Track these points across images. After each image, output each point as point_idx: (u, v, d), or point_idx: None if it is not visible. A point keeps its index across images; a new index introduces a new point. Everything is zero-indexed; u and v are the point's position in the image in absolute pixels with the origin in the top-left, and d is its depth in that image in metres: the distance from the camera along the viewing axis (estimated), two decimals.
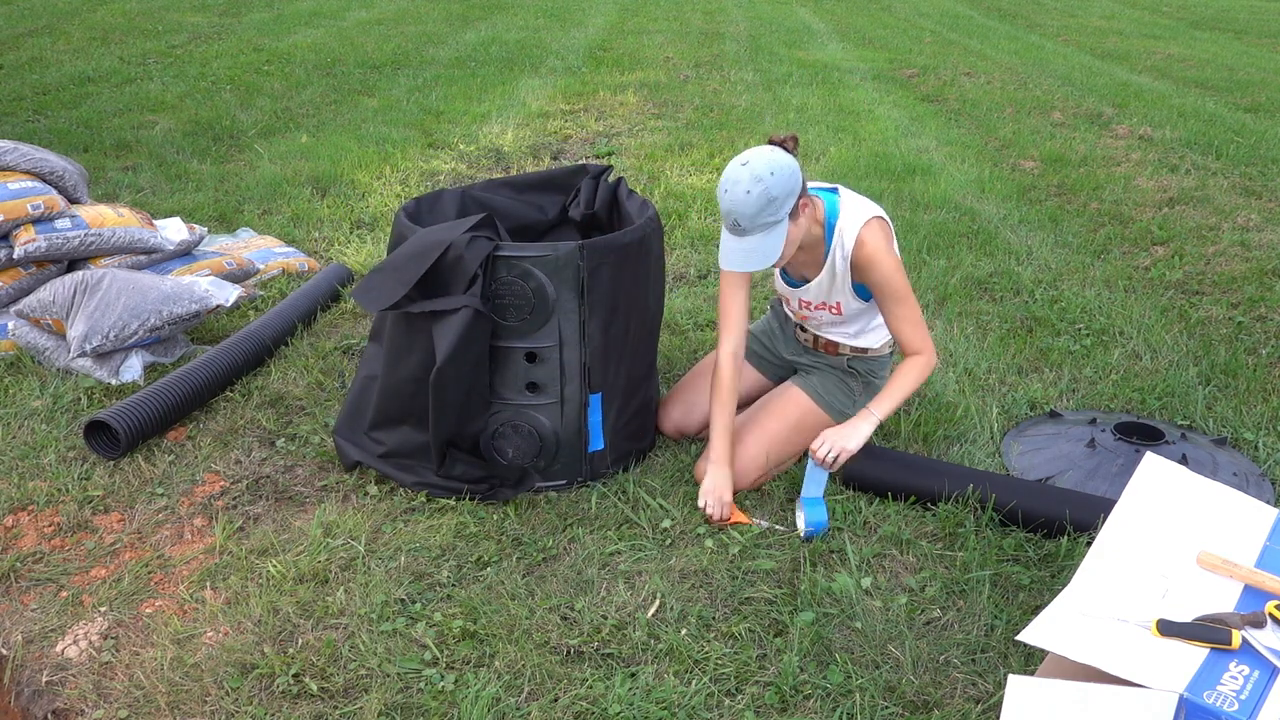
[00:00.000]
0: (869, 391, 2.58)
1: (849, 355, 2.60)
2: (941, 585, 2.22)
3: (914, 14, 13.06)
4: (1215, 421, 2.95)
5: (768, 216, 2.19)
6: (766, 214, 2.18)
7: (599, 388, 2.47)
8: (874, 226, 2.34)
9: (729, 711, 1.88)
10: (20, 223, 3.11)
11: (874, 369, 2.61)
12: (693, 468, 2.61)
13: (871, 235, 2.33)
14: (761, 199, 2.16)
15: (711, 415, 2.46)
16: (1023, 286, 3.89)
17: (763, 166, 2.16)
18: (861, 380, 2.60)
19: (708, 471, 2.43)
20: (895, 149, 5.90)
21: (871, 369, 2.61)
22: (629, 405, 2.56)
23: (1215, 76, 8.72)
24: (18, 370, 3.07)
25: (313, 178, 5.06)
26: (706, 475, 2.42)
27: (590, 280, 2.35)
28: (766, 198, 2.16)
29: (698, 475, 2.54)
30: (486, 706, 1.86)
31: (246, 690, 1.89)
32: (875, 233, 2.34)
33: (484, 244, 2.28)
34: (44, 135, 5.72)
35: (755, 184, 2.15)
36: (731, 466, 2.44)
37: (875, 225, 2.35)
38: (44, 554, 2.28)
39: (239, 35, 9.50)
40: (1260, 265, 4.15)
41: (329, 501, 2.48)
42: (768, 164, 2.17)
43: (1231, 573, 1.60)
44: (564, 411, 2.45)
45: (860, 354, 2.60)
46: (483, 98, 7.08)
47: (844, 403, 2.58)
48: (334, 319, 3.48)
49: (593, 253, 2.34)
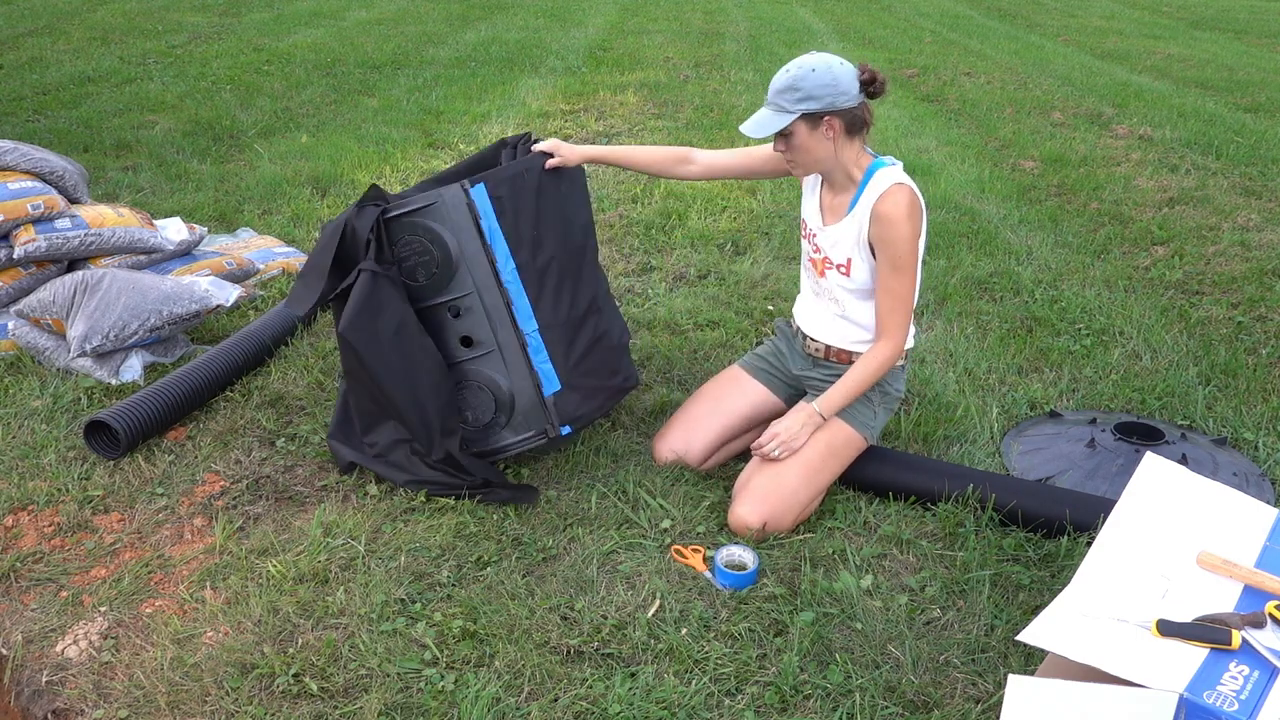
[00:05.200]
0: (885, 402, 2.50)
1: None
2: (941, 585, 2.22)
3: (914, 14, 13.06)
4: (1215, 421, 2.95)
5: (784, 99, 2.24)
6: (784, 97, 2.23)
7: (534, 326, 2.44)
8: (906, 192, 2.28)
9: (729, 711, 1.88)
10: (20, 223, 3.11)
11: (888, 379, 2.50)
12: (692, 468, 2.60)
13: (901, 195, 2.28)
14: (788, 81, 2.22)
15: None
16: (1023, 286, 3.89)
17: (815, 61, 2.23)
18: (878, 389, 2.49)
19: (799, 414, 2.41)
20: (895, 149, 5.90)
21: (886, 379, 2.50)
22: (579, 339, 2.51)
23: (1215, 76, 8.72)
24: (18, 370, 3.07)
25: (313, 178, 5.06)
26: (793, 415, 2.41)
27: (487, 220, 2.35)
28: (792, 83, 2.22)
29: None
30: (486, 706, 1.86)
31: (246, 690, 1.89)
32: (905, 195, 2.28)
33: (371, 210, 2.33)
34: (44, 135, 5.72)
35: (796, 68, 2.23)
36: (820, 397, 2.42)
37: (908, 191, 2.29)
38: (44, 554, 2.28)
39: (239, 35, 9.50)
40: (1260, 265, 4.15)
41: (329, 501, 2.48)
42: (820, 62, 2.22)
43: (1231, 573, 1.60)
44: (506, 358, 2.43)
45: None
46: (483, 98, 7.08)
47: (866, 414, 2.47)
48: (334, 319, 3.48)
49: (480, 191, 2.34)
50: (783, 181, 5.21)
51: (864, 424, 2.47)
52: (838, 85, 2.21)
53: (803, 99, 2.22)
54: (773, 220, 4.60)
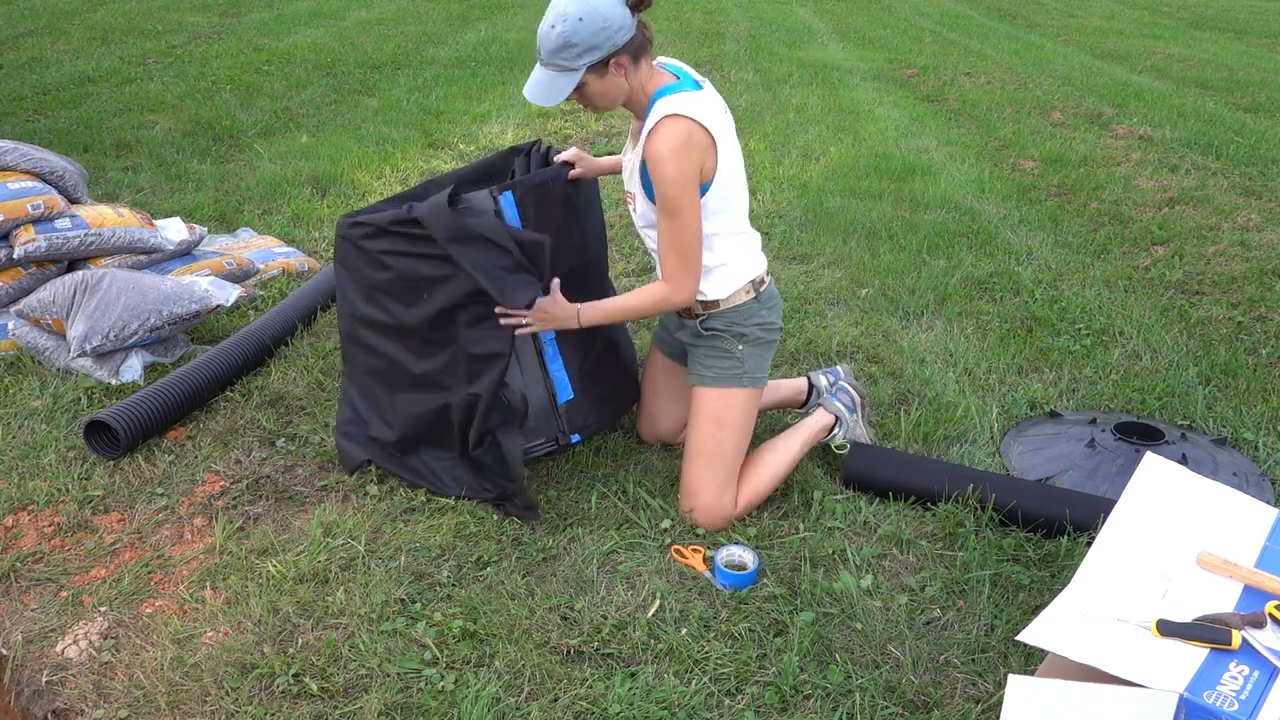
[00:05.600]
0: (749, 343, 2.37)
1: (702, 315, 2.37)
2: (941, 585, 2.22)
3: (914, 14, 13.06)
4: (1215, 421, 2.95)
5: (562, 60, 2.10)
6: (561, 57, 2.10)
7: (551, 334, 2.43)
8: (675, 125, 2.11)
9: (729, 711, 1.88)
10: (20, 223, 3.11)
11: (736, 319, 2.35)
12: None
13: (667, 132, 2.11)
14: (560, 39, 2.07)
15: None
16: (1023, 286, 3.89)
17: (577, 7, 2.06)
18: (733, 336, 2.36)
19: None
20: (895, 149, 5.90)
21: (733, 320, 2.35)
22: (592, 348, 2.52)
23: (1215, 76, 8.72)
24: (18, 370, 3.07)
25: (313, 178, 5.06)
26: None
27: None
28: (565, 40, 2.07)
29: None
30: (486, 706, 1.86)
31: (246, 690, 1.89)
32: (672, 131, 2.11)
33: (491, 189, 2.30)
34: (44, 135, 5.71)
35: (561, 21, 2.07)
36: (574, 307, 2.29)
37: (677, 124, 2.11)
38: (44, 554, 2.28)
39: (239, 35, 9.50)
40: (1260, 265, 4.15)
41: (329, 501, 2.48)
42: (582, 7, 2.05)
43: (1231, 573, 1.60)
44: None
45: (712, 310, 2.36)
46: (483, 98, 7.08)
47: (729, 366, 2.36)
48: (334, 319, 3.47)
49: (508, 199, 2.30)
50: (783, 182, 5.21)
51: (729, 377, 2.37)
52: (610, 24, 2.07)
53: (582, 53, 2.09)
54: (772, 220, 4.60)
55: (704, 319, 2.38)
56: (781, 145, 5.94)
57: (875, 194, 5.00)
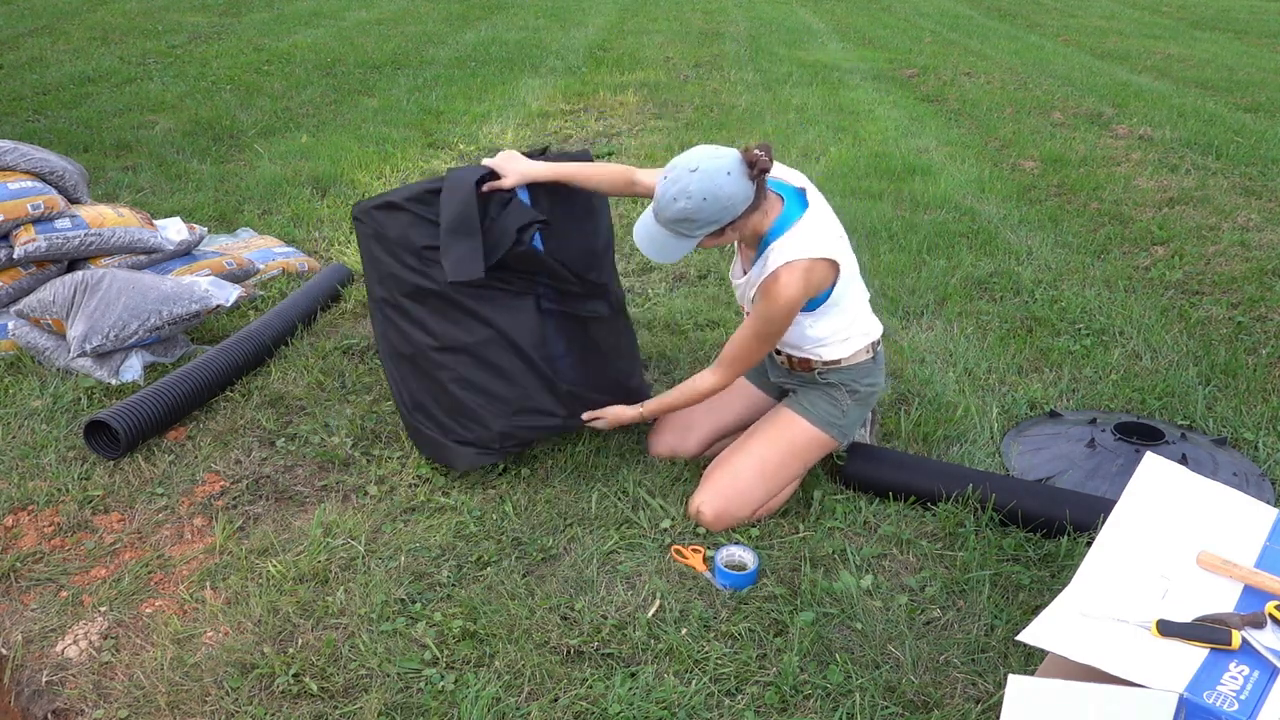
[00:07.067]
0: (856, 399, 2.45)
1: (820, 369, 2.45)
2: (941, 585, 2.22)
3: (914, 14, 13.06)
4: (1215, 421, 2.95)
5: (681, 229, 2.14)
6: (681, 226, 2.13)
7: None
8: (794, 270, 2.18)
9: (729, 711, 1.88)
10: (20, 223, 3.11)
11: (854, 376, 2.45)
12: (690, 467, 2.61)
13: (788, 276, 2.18)
14: (681, 214, 2.10)
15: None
16: (1023, 286, 3.89)
17: (701, 187, 2.07)
18: (846, 390, 2.45)
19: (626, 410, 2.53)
20: (895, 149, 5.90)
21: (852, 377, 2.45)
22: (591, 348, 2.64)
23: (1215, 76, 8.72)
24: (18, 370, 3.07)
25: (313, 178, 5.06)
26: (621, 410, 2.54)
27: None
28: (686, 216, 2.10)
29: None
30: (486, 706, 1.86)
31: (246, 690, 1.89)
32: (793, 275, 2.18)
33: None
34: (44, 135, 5.72)
35: (685, 199, 2.08)
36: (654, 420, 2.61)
37: (796, 269, 2.19)
38: (44, 554, 2.29)
39: (239, 35, 9.50)
40: (1260, 265, 4.15)
41: (329, 501, 2.48)
42: (706, 188, 2.07)
43: (1231, 573, 1.60)
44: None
45: (833, 366, 2.44)
46: (483, 98, 7.08)
47: (833, 414, 2.44)
48: (334, 319, 3.48)
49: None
50: None
51: (828, 421, 2.44)
52: (732, 204, 2.10)
53: (702, 226, 2.12)
54: None
55: (823, 373, 2.46)
56: (782, 145, 5.94)
57: (875, 194, 5.00)
